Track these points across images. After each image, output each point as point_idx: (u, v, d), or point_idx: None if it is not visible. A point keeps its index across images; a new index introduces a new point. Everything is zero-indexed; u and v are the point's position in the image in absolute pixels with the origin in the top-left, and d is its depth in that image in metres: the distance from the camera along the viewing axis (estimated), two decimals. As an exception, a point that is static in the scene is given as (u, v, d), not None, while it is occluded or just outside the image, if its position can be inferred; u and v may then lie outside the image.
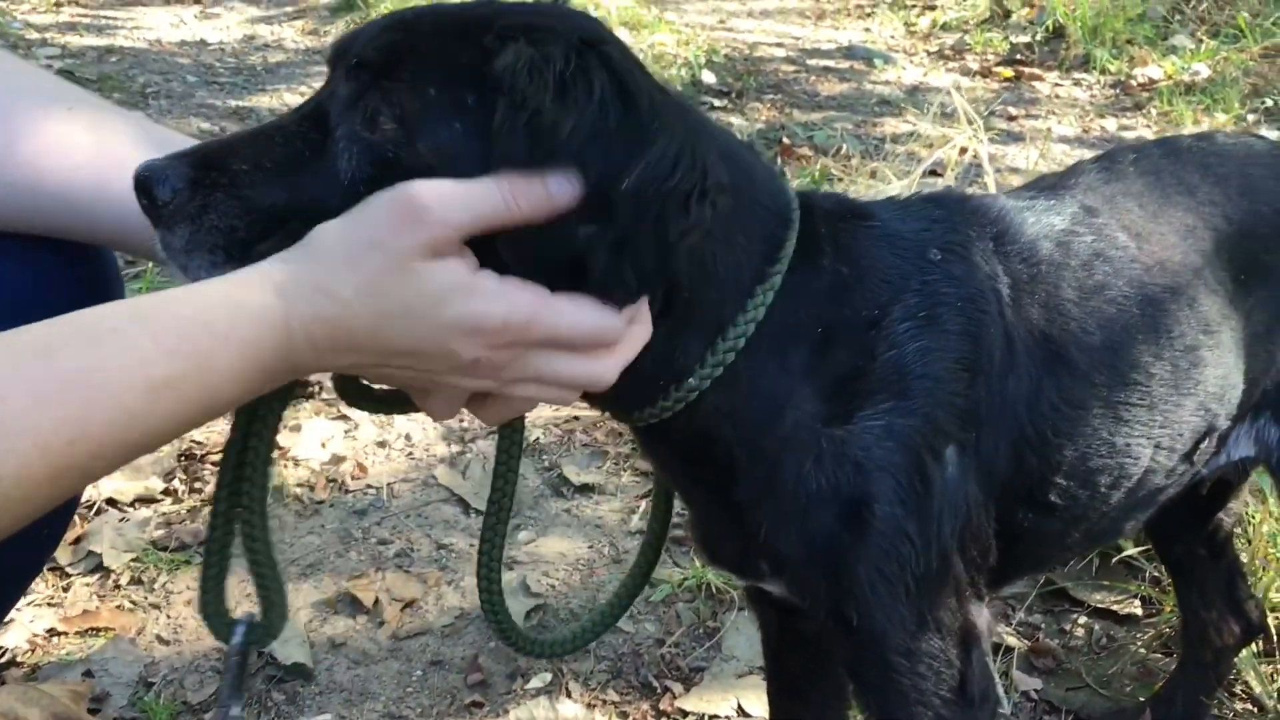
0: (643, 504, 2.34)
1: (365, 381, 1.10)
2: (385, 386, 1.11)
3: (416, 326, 0.93)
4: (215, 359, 0.90)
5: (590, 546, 2.24)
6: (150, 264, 2.79)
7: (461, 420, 2.67)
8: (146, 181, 0.96)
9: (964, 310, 1.12)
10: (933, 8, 6.25)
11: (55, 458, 0.84)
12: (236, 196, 0.96)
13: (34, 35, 5.51)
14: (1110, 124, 4.65)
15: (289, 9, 6.52)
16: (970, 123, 3.06)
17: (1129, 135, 4.53)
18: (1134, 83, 5.00)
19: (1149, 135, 4.52)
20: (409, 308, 0.93)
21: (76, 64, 5.03)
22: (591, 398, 1.12)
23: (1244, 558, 1.88)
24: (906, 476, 1.08)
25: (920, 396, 1.09)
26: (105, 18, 6.20)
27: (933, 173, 3.51)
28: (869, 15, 6.42)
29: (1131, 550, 2.08)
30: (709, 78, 4.78)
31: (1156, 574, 2.06)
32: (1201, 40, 5.20)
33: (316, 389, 2.75)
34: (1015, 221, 1.21)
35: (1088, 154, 4.28)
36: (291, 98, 4.89)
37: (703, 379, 1.05)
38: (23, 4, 6.24)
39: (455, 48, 0.97)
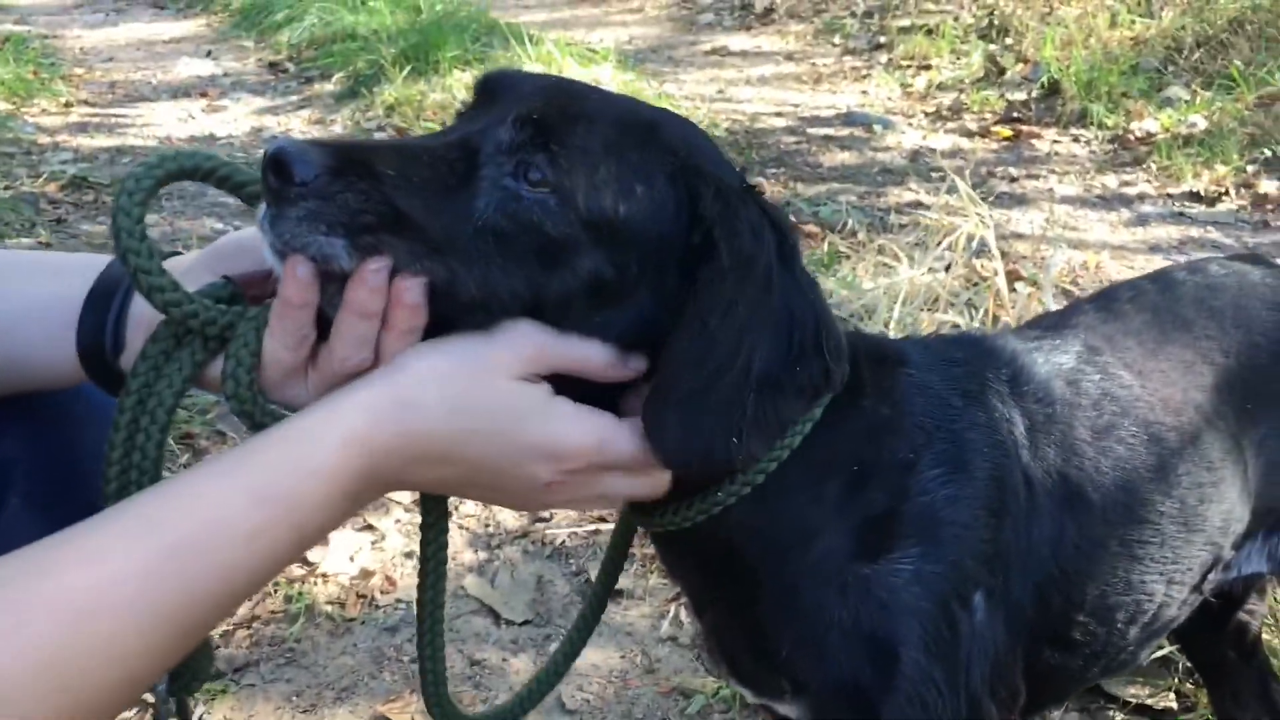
0: (672, 608, 2.37)
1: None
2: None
3: (498, 444, 0.99)
4: (302, 496, 0.95)
5: (622, 656, 2.26)
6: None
7: (488, 526, 2.71)
8: (285, 158, 0.91)
9: (990, 456, 1.17)
10: (928, 68, 6.33)
11: (174, 625, 0.91)
12: (378, 193, 0.93)
13: (45, 140, 5.62)
14: (1111, 180, 4.70)
15: (294, 99, 6.64)
16: (974, 203, 3.11)
17: (1130, 191, 4.57)
18: (1132, 137, 5.06)
19: (1150, 190, 4.57)
20: (494, 423, 0.99)
21: (89, 168, 5.13)
22: None
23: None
24: (934, 623, 1.12)
25: (949, 543, 1.14)
26: (115, 115, 6.33)
27: (941, 239, 3.55)
28: (865, 77, 6.50)
29: (1167, 646, 2.10)
30: (712, 154, 4.84)
31: (1191, 668, 2.07)
32: (1196, 91, 5.26)
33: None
34: (1027, 362, 1.26)
35: (1091, 214, 4.34)
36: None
37: (730, 494, 1.09)
38: (34, 106, 6.37)
39: (627, 136, 1.01)
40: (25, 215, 4.29)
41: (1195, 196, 4.46)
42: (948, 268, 3.29)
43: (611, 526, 2.59)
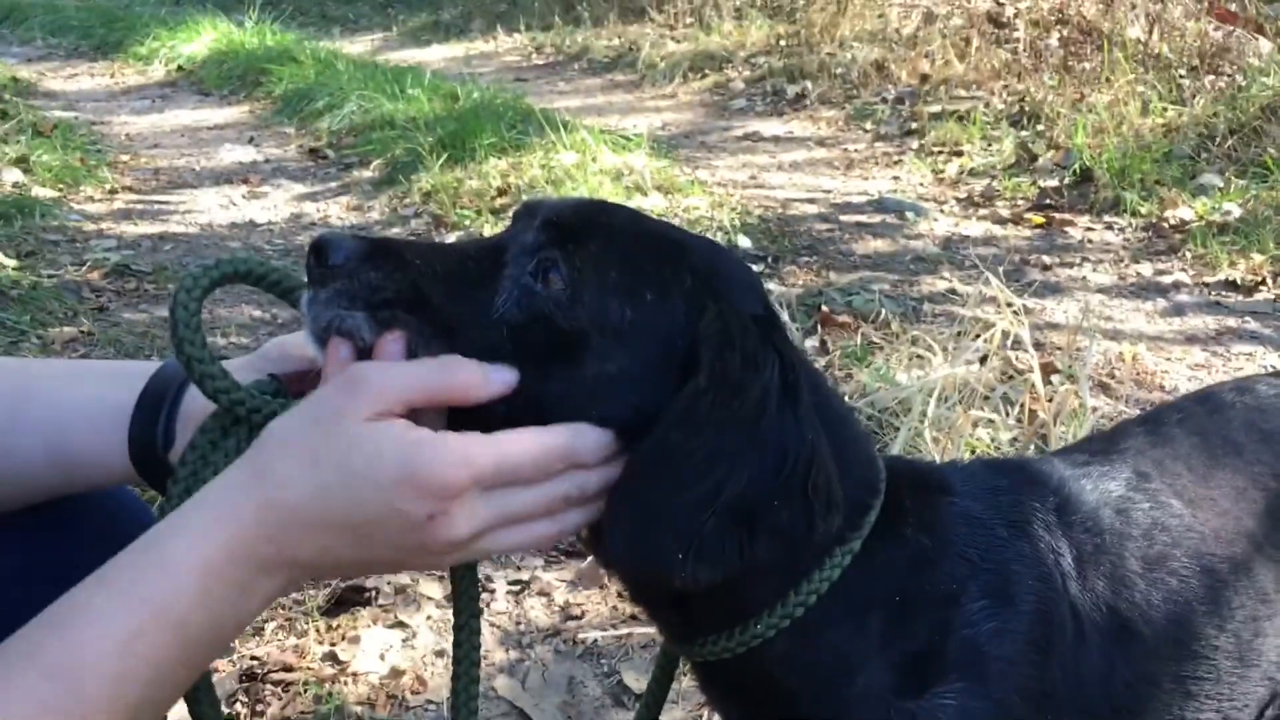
0: (705, 713, 2.33)
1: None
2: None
3: (358, 491, 0.93)
4: (172, 590, 0.92)
5: (654, 764, 2.21)
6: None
7: (519, 624, 2.68)
8: (324, 246, 1.01)
9: (1035, 590, 1.15)
10: (959, 154, 6.36)
11: None
12: (400, 276, 1.01)
13: (90, 227, 5.72)
14: (1146, 269, 4.68)
15: (334, 185, 6.75)
16: (1007, 302, 3.10)
17: (1165, 280, 4.55)
18: (1166, 224, 5.04)
19: (1185, 279, 4.54)
20: (346, 472, 0.93)
21: (132, 255, 5.21)
22: (654, 618, 1.19)
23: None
24: None
25: (994, 680, 1.11)
26: (158, 203, 6.44)
27: (977, 333, 3.53)
28: (897, 163, 6.54)
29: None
30: (745, 242, 4.87)
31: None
32: (1230, 179, 5.25)
33: (373, 594, 2.77)
34: (1075, 490, 1.24)
35: (1126, 304, 4.31)
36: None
37: (769, 627, 1.09)
38: (79, 193, 6.49)
39: (647, 249, 1.05)
40: (68, 303, 4.36)
41: (1232, 285, 4.43)
42: (983, 360, 3.28)
43: (644, 626, 2.58)
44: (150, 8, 14.37)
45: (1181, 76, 6.51)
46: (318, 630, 2.62)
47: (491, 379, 0.98)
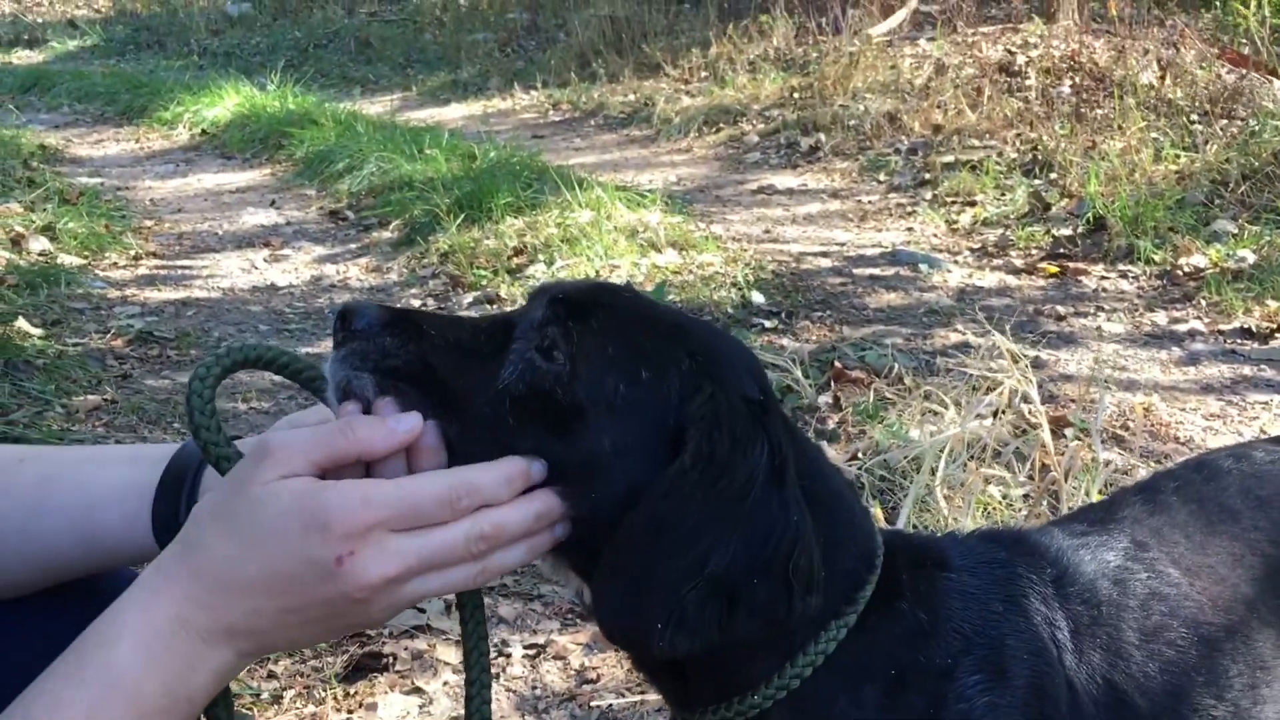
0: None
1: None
2: None
3: (269, 546, 0.97)
4: (118, 664, 0.96)
5: (670, 831, 2.21)
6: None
7: (535, 688, 2.69)
8: (349, 312, 1.09)
9: (1030, 664, 1.17)
10: (973, 204, 6.39)
11: None
12: (414, 345, 1.07)
13: (114, 294, 5.81)
14: (1160, 317, 4.69)
15: (353, 246, 6.84)
16: (1016, 360, 3.12)
17: (1180, 329, 4.55)
18: (1180, 272, 5.05)
19: (1200, 327, 4.54)
20: (256, 530, 0.98)
21: (155, 321, 5.28)
22: (655, 685, 1.22)
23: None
24: None
25: None
26: (181, 268, 6.53)
27: (988, 388, 3.54)
28: (910, 214, 6.58)
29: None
30: (758, 298, 4.90)
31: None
32: (1244, 225, 5.26)
33: (390, 660, 2.78)
34: (1073, 561, 1.26)
35: (1141, 353, 4.31)
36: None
37: (766, 698, 1.12)
38: (104, 260, 6.59)
39: (647, 330, 1.10)
40: (92, 371, 4.42)
41: (1247, 333, 4.43)
42: (996, 414, 3.28)
43: (656, 695, 2.57)
44: (174, 73, 14.63)
45: (1194, 122, 6.55)
46: (335, 698, 2.64)
47: (394, 429, 1.03)
